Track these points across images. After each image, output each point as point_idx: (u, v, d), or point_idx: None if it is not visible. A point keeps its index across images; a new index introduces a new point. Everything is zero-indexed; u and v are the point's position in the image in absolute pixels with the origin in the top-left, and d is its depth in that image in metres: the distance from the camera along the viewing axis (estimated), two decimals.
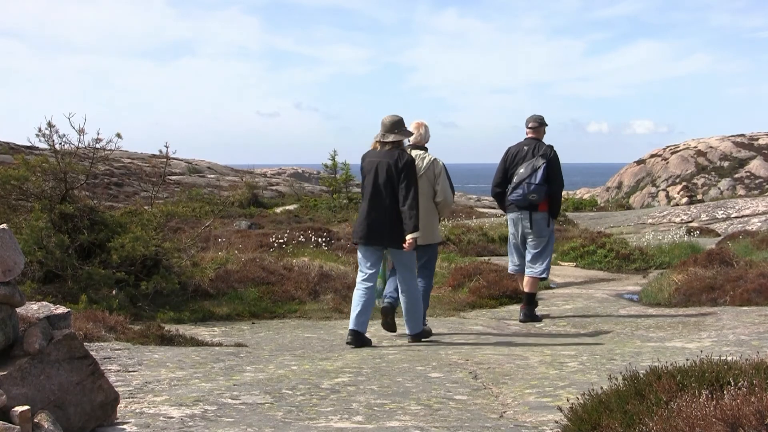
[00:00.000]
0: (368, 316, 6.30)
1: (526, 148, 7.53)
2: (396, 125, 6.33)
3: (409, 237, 6.12)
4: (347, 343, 6.18)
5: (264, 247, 12.00)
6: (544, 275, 7.63)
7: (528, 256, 7.61)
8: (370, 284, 6.32)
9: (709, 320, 6.98)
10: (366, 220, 6.28)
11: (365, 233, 6.26)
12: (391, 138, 6.28)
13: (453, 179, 6.95)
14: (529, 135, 7.66)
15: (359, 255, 6.46)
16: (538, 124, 7.65)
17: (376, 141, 6.41)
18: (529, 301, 7.64)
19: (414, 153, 6.61)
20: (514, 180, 7.44)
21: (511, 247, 7.82)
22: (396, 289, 6.60)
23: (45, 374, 3.11)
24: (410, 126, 6.67)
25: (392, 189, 6.19)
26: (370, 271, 6.34)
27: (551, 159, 7.40)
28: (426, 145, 6.83)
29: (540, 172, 7.30)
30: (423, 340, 6.45)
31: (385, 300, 6.69)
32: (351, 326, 6.22)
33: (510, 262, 7.94)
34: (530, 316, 7.59)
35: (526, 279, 7.60)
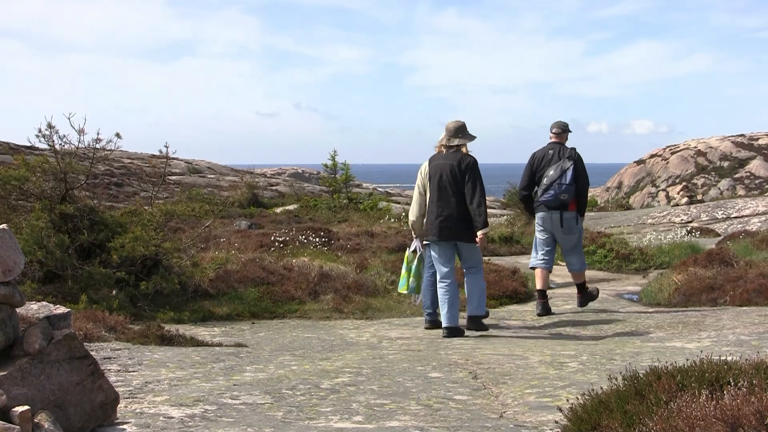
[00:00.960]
0: (457, 308, 6.74)
1: (551, 152, 7.95)
2: (459, 130, 6.84)
3: (480, 233, 6.63)
4: (444, 336, 6.61)
5: (264, 247, 11.99)
6: (583, 268, 8.19)
7: (565, 255, 8.18)
8: (449, 280, 6.73)
9: (709, 320, 6.97)
10: (437, 219, 6.70)
11: (438, 231, 6.69)
12: (455, 142, 6.79)
13: None
14: (553, 140, 8.07)
15: (433, 254, 6.83)
16: (562, 130, 8.07)
17: (441, 145, 6.89)
18: (581, 290, 8.19)
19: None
20: (544, 182, 7.83)
21: (536, 243, 8.20)
22: (433, 303, 7.00)
23: (45, 374, 3.11)
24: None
25: (458, 188, 6.65)
26: (447, 269, 6.75)
27: (577, 160, 7.84)
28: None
29: (569, 173, 7.74)
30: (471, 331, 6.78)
31: (427, 319, 7.11)
32: (444, 324, 6.67)
33: (533, 257, 8.29)
34: (587, 301, 8.19)
35: (572, 274, 8.22)
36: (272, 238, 12.65)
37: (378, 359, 5.39)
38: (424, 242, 7.01)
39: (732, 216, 21.00)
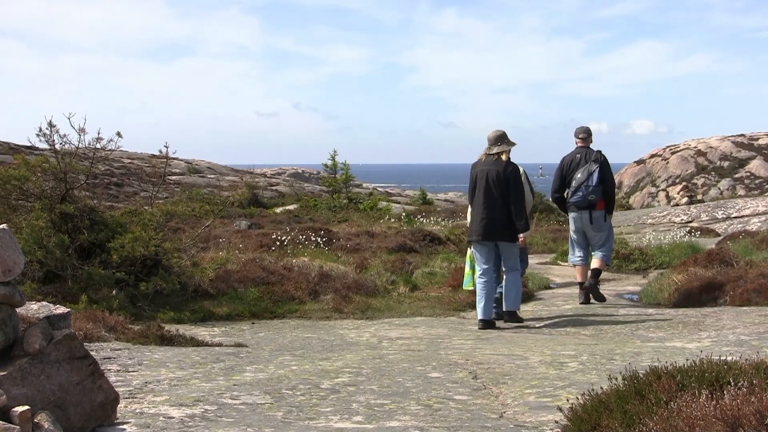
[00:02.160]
0: (491, 303, 7.26)
1: (578, 156, 8.51)
2: (499, 139, 7.36)
3: (520, 236, 7.30)
4: (480, 328, 7.10)
5: (264, 247, 12.00)
6: (607, 259, 8.67)
7: (594, 248, 8.56)
8: (486, 278, 7.26)
9: (709, 320, 6.97)
10: (482, 220, 7.21)
11: (482, 232, 7.19)
12: (495, 150, 7.32)
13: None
14: (579, 144, 8.64)
15: (475, 252, 7.38)
16: (587, 135, 8.67)
17: (484, 153, 7.39)
18: (595, 276, 8.55)
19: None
20: (573, 184, 8.41)
21: (572, 243, 8.75)
22: (497, 300, 7.47)
23: (45, 374, 3.11)
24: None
25: (502, 193, 7.16)
26: (486, 266, 7.28)
27: (603, 163, 8.37)
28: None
29: (595, 175, 8.27)
30: (514, 324, 7.32)
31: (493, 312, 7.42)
32: (479, 317, 7.19)
33: (570, 255, 8.87)
34: (595, 290, 8.47)
35: (593, 259, 8.53)
36: (272, 238, 12.65)
37: (378, 359, 5.39)
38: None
39: (732, 216, 21.00)
